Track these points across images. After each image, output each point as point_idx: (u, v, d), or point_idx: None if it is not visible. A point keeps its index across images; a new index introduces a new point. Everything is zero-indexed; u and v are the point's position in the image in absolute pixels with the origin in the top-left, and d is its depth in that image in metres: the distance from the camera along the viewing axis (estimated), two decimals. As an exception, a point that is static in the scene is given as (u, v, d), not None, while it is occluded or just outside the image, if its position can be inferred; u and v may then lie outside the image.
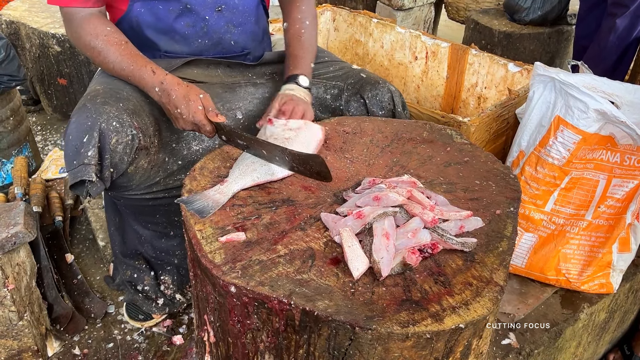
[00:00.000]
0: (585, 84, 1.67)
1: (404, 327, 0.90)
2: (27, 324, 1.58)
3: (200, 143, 1.53)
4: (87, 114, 1.30)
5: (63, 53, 2.64)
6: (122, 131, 1.31)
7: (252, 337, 1.02)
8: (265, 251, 1.04)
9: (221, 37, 1.57)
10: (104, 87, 1.42)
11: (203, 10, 1.50)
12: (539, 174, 1.67)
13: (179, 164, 1.49)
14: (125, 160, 1.34)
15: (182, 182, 1.46)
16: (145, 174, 1.43)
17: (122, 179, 1.39)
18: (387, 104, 1.62)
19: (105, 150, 1.30)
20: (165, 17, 1.49)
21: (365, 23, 2.76)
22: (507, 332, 1.67)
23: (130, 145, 1.34)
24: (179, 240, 1.68)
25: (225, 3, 1.53)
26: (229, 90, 1.61)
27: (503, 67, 2.29)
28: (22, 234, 1.51)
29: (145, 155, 1.40)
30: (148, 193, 1.47)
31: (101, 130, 1.29)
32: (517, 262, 1.79)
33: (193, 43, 1.55)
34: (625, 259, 1.76)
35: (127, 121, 1.33)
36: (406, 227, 1.07)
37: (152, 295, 1.74)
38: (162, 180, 1.47)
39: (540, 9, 3.26)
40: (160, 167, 1.46)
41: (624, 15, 2.66)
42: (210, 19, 1.52)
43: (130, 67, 1.39)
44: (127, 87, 1.44)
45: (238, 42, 1.62)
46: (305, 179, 1.28)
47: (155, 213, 1.58)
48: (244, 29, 1.61)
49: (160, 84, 1.36)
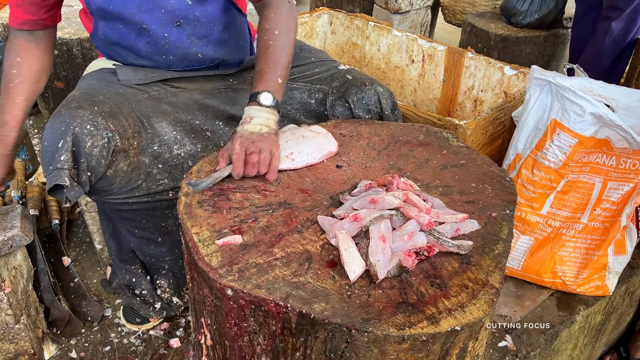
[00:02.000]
0: (582, 88, 1.68)
1: (400, 329, 0.90)
2: (23, 327, 1.57)
3: (181, 147, 1.51)
4: (61, 119, 1.30)
5: (60, 56, 2.64)
6: (97, 134, 1.31)
7: (249, 339, 1.03)
8: (262, 254, 1.04)
9: (186, 52, 1.52)
10: (80, 92, 1.42)
11: (160, 28, 1.46)
12: (536, 177, 1.68)
13: (159, 167, 1.48)
14: (102, 164, 1.34)
15: (165, 187, 1.47)
16: (126, 177, 1.42)
17: (102, 183, 1.39)
18: (373, 107, 1.59)
19: (81, 154, 1.30)
20: (127, 35, 1.47)
21: (362, 26, 2.77)
22: (504, 334, 1.68)
23: (106, 148, 1.34)
24: (167, 247, 1.65)
25: (184, 17, 1.46)
26: (208, 96, 1.59)
27: (499, 70, 2.30)
28: (19, 237, 1.51)
29: (124, 157, 1.40)
30: (130, 197, 1.46)
31: (75, 135, 1.29)
32: (514, 265, 1.80)
33: (158, 59, 1.52)
34: (620, 262, 1.77)
35: (102, 124, 1.33)
36: (402, 230, 1.08)
37: (150, 299, 1.73)
38: (144, 184, 1.46)
39: (537, 12, 3.27)
40: (142, 170, 1.45)
41: (619, 18, 2.67)
42: (170, 35, 1.47)
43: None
44: (104, 90, 1.44)
45: (205, 53, 1.55)
46: (302, 180, 1.28)
47: (141, 219, 1.57)
48: (210, 40, 1.54)
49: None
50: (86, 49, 2.62)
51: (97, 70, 1.58)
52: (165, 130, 1.48)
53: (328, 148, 1.38)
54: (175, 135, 1.49)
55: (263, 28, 1.45)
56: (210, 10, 1.50)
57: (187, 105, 1.55)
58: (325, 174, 1.33)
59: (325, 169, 1.34)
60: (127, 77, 1.52)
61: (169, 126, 1.49)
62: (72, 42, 2.58)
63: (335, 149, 1.39)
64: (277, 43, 1.42)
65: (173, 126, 1.50)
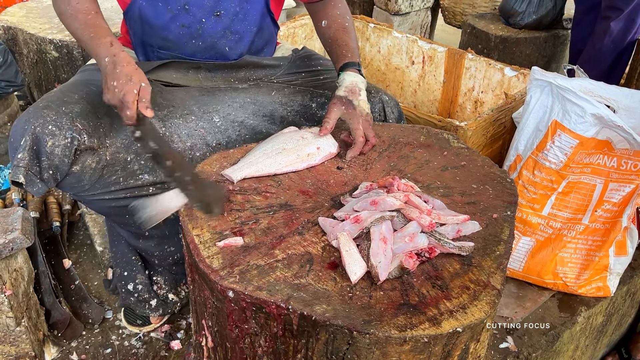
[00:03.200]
0: (582, 89, 1.68)
1: (402, 331, 0.90)
2: (24, 329, 1.57)
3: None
4: (26, 118, 1.33)
5: (60, 59, 2.64)
6: (59, 134, 1.33)
7: (250, 341, 1.03)
8: (263, 256, 1.04)
9: (215, 42, 1.56)
10: (58, 90, 1.44)
11: (200, 13, 1.50)
12: (536, 178, 1.68)
13: (141, 163, 1.48)
14: (65, 162, 1.35)
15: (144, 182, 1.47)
16: (95, 173, 1.42)
17: (70, 179, 1.40)
18: (377, 115, 1.60)
19: (42, 152, 1.32)
20: (163, 14, 1.49)
21: (362, 28, 2.77)
22: (505, 335, 1.68)
23: (69, 148, 1.35)
24: (156, 241, 1.66)
25: (225, 9, 1.51)
26: (207, 93, 1.60)
27: (499, 71, 2.30)
28: (20, 239, 1.51)
29: (91, 154, 1.40)
30: (106, 193, 1.46)
31: (35, 134, 1.31)
32: (515, 266, 1.80)
33: (186, 44, 1.54)
34: (622, 263, 1.77)
35: (66, 124, 1.34)
36: (403, 232, 1.08)
37: (145, 295, 1.73)
38: (122, 180, 1.46)
39: (535, 13, 3.27)
40: (119, 166, 1.45)
41: (618, 19, 2.67)
42: (207, 22, 1.51)
43: (89, 35, 1.40)
44: (86, 88, 1.46)
45: (234, 49, 1.59)
46: (303, 182, 1.28)
47: (124, 214, 1.55)
48: (241, 37, 1.58)
49: (113, 56, 1.35)
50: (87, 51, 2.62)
51: (94, 64, 1.59)
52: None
53: (328, 149, 1.38)
54: (163, 132, 1.49)
55: (334, 14, 1.62)
56: (251, 10, 1.55)
57: (184, 102, 1.56)
58: (326, 175, 1.33)
59: (325, 170, 1.34)
60: None
61: (157, 123, 1.49)
62: (73, 44, 2.58)
63: (335, 150, 1.39)
64: (352, 26, 1.62)
65: (163, 122, 1.50)
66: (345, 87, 1.44)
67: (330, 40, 1.60)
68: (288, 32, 2.64)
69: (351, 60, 1.50)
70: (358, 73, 1.47)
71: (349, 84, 1.44)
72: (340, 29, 1.59)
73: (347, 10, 1.66)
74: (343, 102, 1.41)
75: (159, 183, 1.49)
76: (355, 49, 1.54)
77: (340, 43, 1.56)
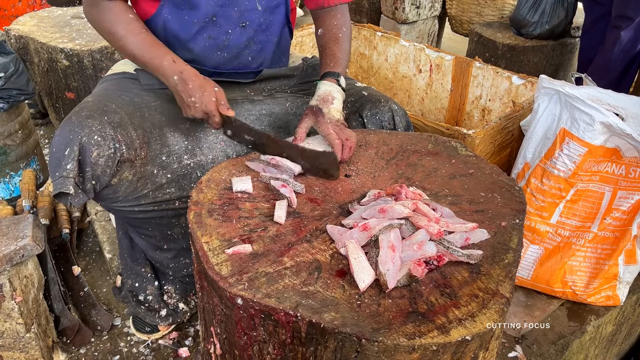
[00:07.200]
0: (591, 97, 1.67)
1: (410, 339, 0.90)
2: (34, 336, 1.58)
3: (191, 157, 1.51)
4: (70, 127, 1.33)
5: (71, 67, 2.67)
6: (104, 144, 1.33)
7: (258, 349, 1.03)
8: (271, 263, 1.05)
9: (240, 52, 1.59)
10: (95, 99, 1.44)
11: (227, 24, 1.53)
12: (545, 186, 1.68)
13: (168, 177, 1.48)
14: (107, 173, 1.36)
15: (172, 197, 1.48)
16: (131, 185, 1.43)
17: (107, 191, 1.41)
18: (386, 124, 1.61)
19: (86, 163, 1.32)
20: (189, 27, 1.51)
21: (370, 36, 2.78)
22: (514, 344, 1.67)
23: (112, 158, 1.35)
24: (173, 254, 1.67)
25: (250, 20, 1.55)
26: None
27: (507, 79, 2.30)
28: (30, 246, 1.52)
29: (129, 167, 1.41)
30: (136, 205, 1.47)
31: (82, 144, 1.31)
32: (523, 274, 1.79)
33: (212, 56, 1.57)
34: (631, 271, 1.76)
35: (110, 134, 1.34)
36: (412, 240, 1.08)
37: (155, 305, 1.74)
38: (151, 194, 1.47)
39: (548, 23, 3.25)
40: (149, 179, 1.46)
41: (628, 28, 2.67)
42: (232, 33, 1.55)
43: (150, 55, 1.44)
44: (118, 99, 1.46)
45: (256, 59, 1.64)
46: (311, 190, 1.29)
47: (147, 226, 1.58)
48: (264, 47, 1.63)
49: (180, 73, 1.41)
50: (97, 60, 2.65)
51: (119, 74, 1.61)
52: (176, 139, 1.49)
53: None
54: (186, 145, 1.50)
55: (331, 24, 1.64)
56: (274, 21, 1.60)
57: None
58: (334, 183, 1.33)
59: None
60: (149, 82, 1.56)
61: (181, 135, 1.50)
62: (83, 53, 2.61)
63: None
64: (345, 37, 1.64)
65: (185, 135, 1.51)
66: (317, 96, 1.48)
67: (321, 49, 1.65)
68: (296, 40, 2.66)
69: (331, 70, 1.54)
70: (335, 83, 1.50)
71: (322, 92, 1.48)
72: (333, 39, 1.62)
73: (347, 22, 1.68)
74: (313, 112, 1.44)
75: (184, 197, 1.50)
76: (341, 60, 1.58)
77: (328, 53, 1.60)
